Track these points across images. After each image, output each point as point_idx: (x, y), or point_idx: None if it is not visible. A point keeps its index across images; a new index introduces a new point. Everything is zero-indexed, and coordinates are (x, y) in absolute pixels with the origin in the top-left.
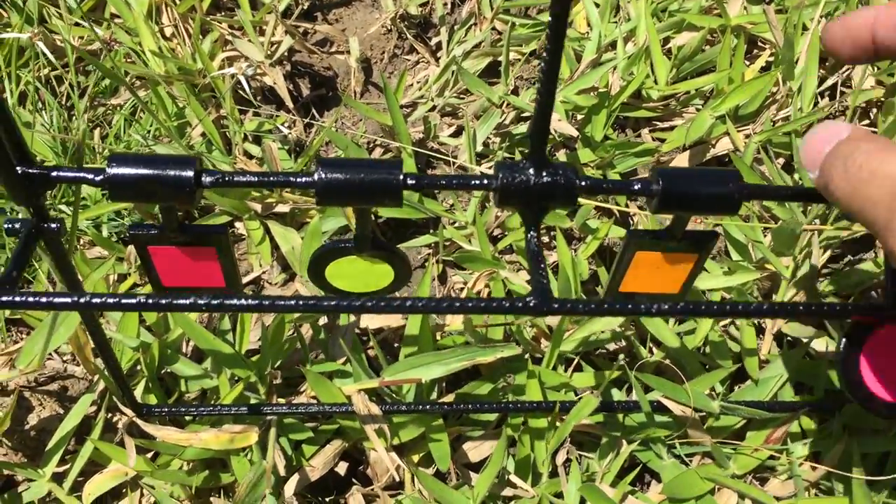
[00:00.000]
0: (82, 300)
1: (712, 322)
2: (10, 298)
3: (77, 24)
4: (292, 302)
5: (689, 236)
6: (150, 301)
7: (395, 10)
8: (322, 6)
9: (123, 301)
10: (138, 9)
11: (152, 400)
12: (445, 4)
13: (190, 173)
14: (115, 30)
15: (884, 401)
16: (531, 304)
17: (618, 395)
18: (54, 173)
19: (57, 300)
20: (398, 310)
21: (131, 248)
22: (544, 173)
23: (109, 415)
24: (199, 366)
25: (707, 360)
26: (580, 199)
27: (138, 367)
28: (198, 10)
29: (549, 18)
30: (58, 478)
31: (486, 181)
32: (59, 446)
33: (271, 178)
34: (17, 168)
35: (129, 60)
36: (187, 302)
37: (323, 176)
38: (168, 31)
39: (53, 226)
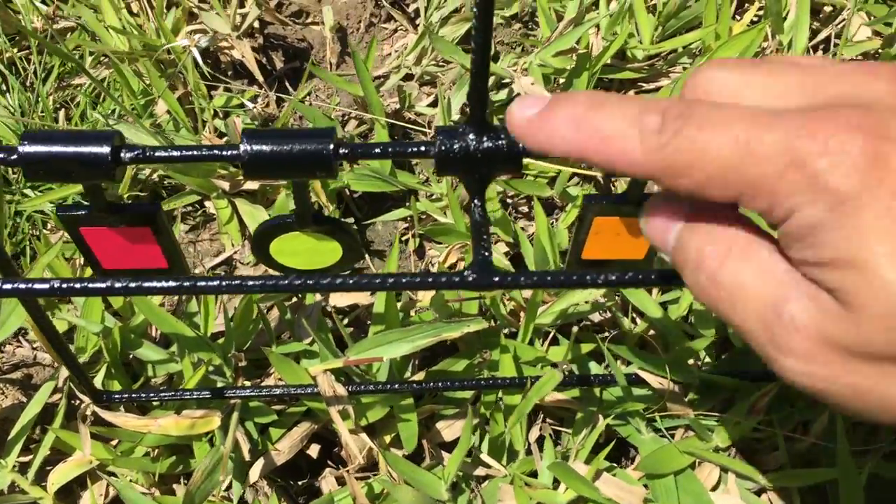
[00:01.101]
0: (17, 286)
1: None
2: None
3: (42, 2)
4: (215, 283)
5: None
6: (65, 286)
7: None
8: None
9: (36, 287)
10: None
11: (115, 386)
12: None
13: (106, 149)
14: (80, 7)
15: None
16: (469, 279)
17: (597, 368)
18: None
19: None
20: (329, 287)
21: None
22: (485, 138)
23: (73, 402)
24: (164, 350)
25: (692, 330)
26: (559, 166)
27: (99, 353)
28: None
29: None
30: (22, 468)
31: (423, 148)
32: (20, 435)
33: (195, 153)
34: None
35: (95, 39)
36: (103, 286)
37: (249, 148)
38: (134, 8)
39: None
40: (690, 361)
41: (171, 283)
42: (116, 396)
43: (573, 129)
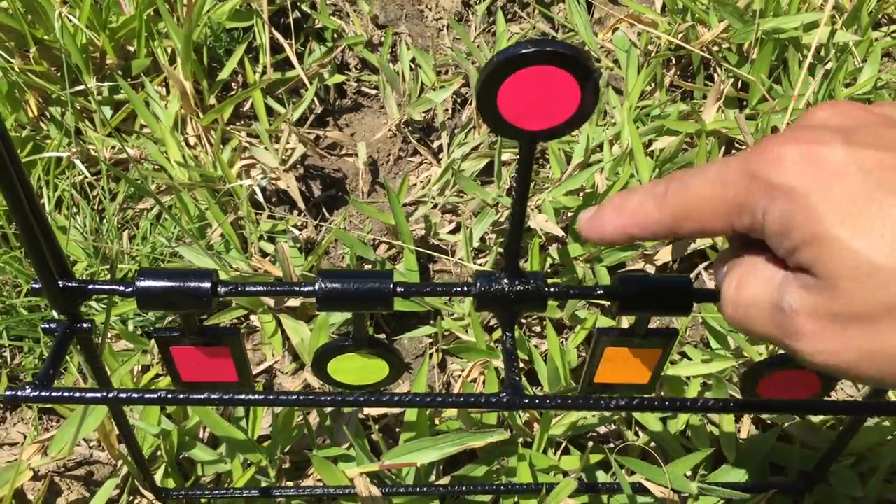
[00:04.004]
0: (110, 395)
1: None
2: (48, 394)
3: (110, 136)
4: (294, 397)
5: (653, 333)
6: (170, 396)
7: (400, 116)
8: (333, 112)
9: (147, 396)
10: (165, 121)
11: (171, 484)
12: (446, 110)
13: (207, 285)
14: (144, 140)
15: None
16: (504, 400)
17: (604, 476)
18: (90, 286)
19: (89, 395)
20: (384, 404)
21: (154, 342)
22: (517, 282)
23: (131, 498)
24: (214, 451)
25: (688, 444)
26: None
27: (158, 453)
28: (219, 121)
29: (518, 156)
30: None
31: (466, 289)
32: None
33: (277, 289)
34: (59, 282)
35: (155, 168)
36: (202, 396)
37: (323, 286)
38: (192, 141)
39: (86, 325)
40: (688, 473)
41: (258, 397)
42: (175, 493)
43: (615, 215)
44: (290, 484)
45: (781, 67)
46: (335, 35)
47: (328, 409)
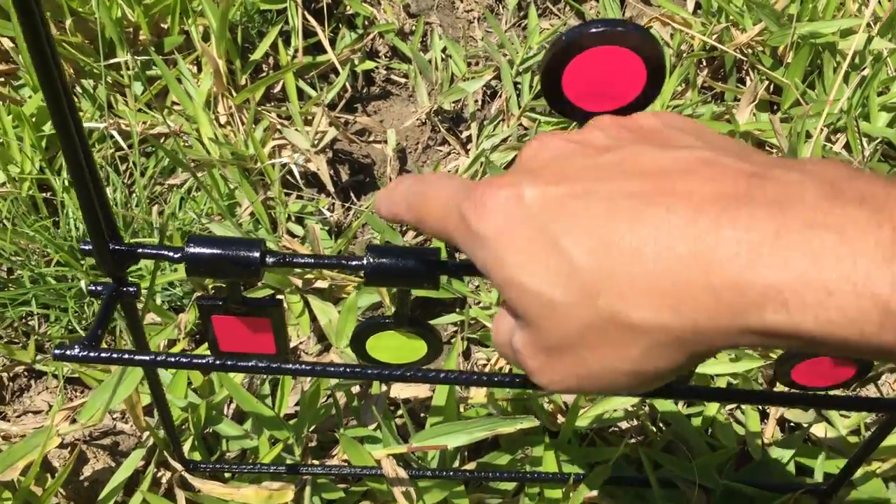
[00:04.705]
0: (159, 358)
1: (718, 405)
2: (97, 354)
3: (140, 111)
4: (342, 369)
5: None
6: (217, 362)
7: (430, 105)
8: (362, 98)
9: (195, 361)
10: (198, 98)
11: (196, 457)
12: (476, 101)
13: (257, 254)
14: (175, 116)
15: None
16: None
17: (625, 469)
18: (139, 250)
19: (136, 357)
20: (435, 380)
21: (182, 316)
22: None
23: (157, 469)
24: (240, 427)
25: (712, 441)
26: None
27: (185, 426)
28: (251, 101)
29: None
30: None
31: None
32: (110, 497)
33: (325, 261)
34: (109, 244)
35: (186, 145)
36: (249, 364)
37: (372, 261)
38: (222, 119)
39: (132, 289)
40: (711, 470)
41: (306, 367)
42: (203, 466)
43: (387, 202)
44: (315, 462)
45: (816, 73)
46: (366, 22)
47: (355, 390)
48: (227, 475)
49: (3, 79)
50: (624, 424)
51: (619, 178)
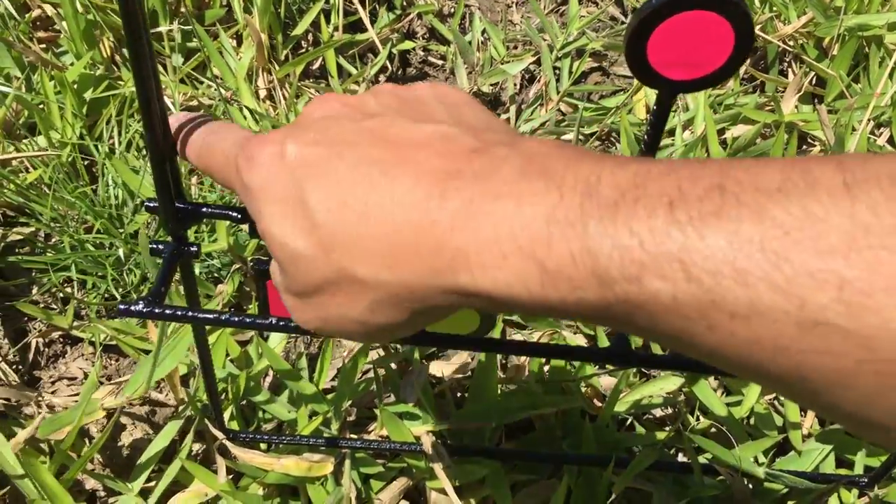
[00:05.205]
0: (223, 317)
1: (758, 394)
2: (161, 311)
3: (182, 82)
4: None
5: None
6: (281, 323)
7: (470, 87)
8: (399, 79)
9: (258, 321)
10: (239, 71)
11: (234, 426)
12: (515, 85)
13: None
14: (211, 91)
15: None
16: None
17: (665, 456)
18: (204, 209)
19: (201, 315)
20: (497, 349)
21: (221, 286)
22: None
23: (194, 440)
24: (277, 398)
25: (752, 430)
26: None
27: (223, 396)
28: (292, 75)
29: None
30: (143, 493)
31: None
32: (148, 464)
33: None
34: (175, 203)
35: (226, 116)
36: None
37: None
38: (262, 94)
39: (193, 248)
40: (751, 459)
41: None
42: (242, 436)
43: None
44: (354, 436)
45: (862, 66)
46: (405, 2)
47: (394, 366)
48: (262, 447)
49: (45, 45)
50: (659, 412)
51: (369, 144)
